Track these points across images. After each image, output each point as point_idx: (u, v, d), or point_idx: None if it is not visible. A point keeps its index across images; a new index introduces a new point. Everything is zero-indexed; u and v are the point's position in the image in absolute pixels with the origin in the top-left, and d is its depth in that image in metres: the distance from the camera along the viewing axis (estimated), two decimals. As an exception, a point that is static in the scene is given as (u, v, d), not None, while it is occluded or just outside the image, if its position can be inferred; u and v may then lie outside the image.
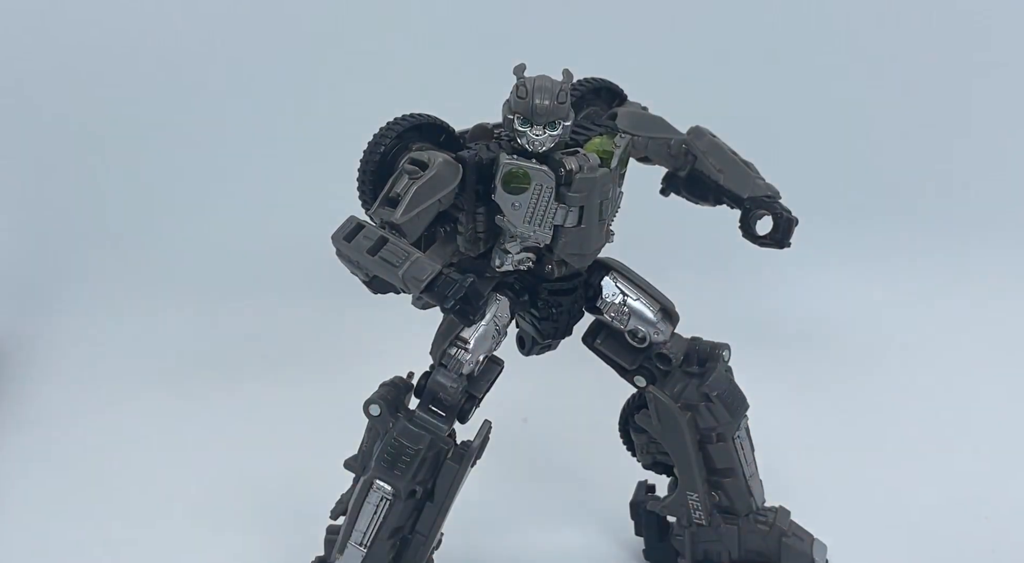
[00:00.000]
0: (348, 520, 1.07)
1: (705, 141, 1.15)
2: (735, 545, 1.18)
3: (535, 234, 1.03)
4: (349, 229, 0.96)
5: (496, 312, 1.06)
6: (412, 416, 1.05)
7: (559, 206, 1.02)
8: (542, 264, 1.07)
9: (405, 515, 1.06)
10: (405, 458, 1.03)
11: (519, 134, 1.01)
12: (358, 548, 1.06)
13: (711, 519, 1.17)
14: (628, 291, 1.11)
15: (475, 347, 1.05)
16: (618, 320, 1.11)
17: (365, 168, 1.02)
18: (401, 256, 0.94)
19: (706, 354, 1.14)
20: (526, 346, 1.14)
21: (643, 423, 1.16)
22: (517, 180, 1.01)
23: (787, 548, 1.18)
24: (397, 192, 0.97)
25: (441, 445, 1.05)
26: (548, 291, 1.08)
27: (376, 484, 1.04)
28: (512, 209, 1.02)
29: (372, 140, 1.02)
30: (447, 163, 1.00)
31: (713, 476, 1.16)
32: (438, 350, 1.06)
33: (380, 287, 0.96)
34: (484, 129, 1.06)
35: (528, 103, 0.99)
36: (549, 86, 1.00)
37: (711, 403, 1.12)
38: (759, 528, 1.18)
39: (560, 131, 1.01)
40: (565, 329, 1.12)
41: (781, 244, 1.13)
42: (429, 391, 1.05)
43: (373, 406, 1.05)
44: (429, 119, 1.05)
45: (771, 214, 1.12)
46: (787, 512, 1.21)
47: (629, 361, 1.14)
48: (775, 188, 1.15)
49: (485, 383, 1.08)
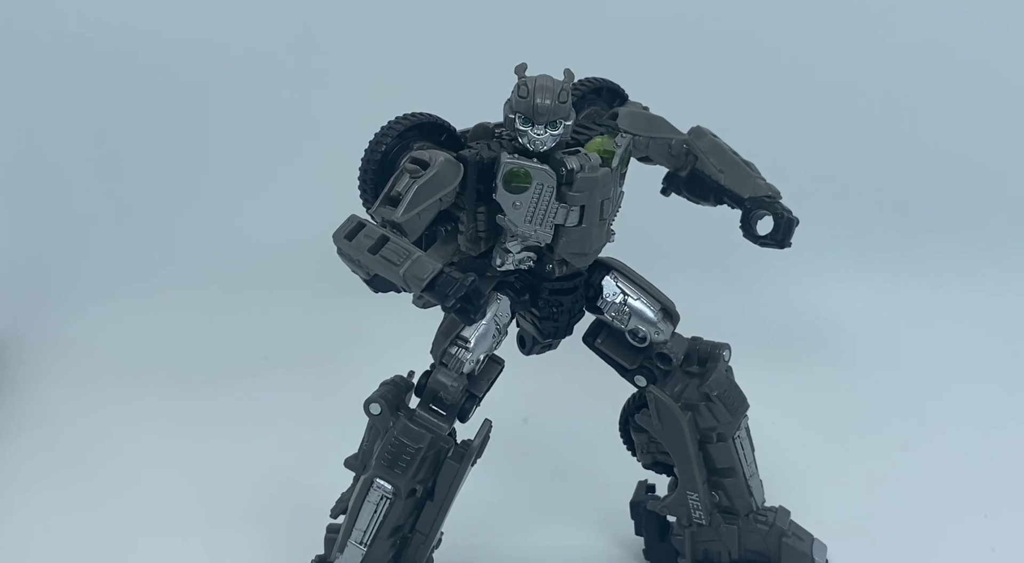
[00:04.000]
0: (348, 519, 1.07)
1: (706, 141, 1.15)
2: (735, 545, 1.19)
3: (536, 233, 1.03)
4: (350, 228, 0.96)
5: (497, 311, 1.06)
6: (413, 415, 1.05)
7: (560, 205, 1.02)
8: (543, 263, 1.07)
9: (405, 514, 1.06)
10: (405, 457, 1.03)
11: (520, 133, 1.01)
12: (358, 547, 1.07)
13: (711, 519, 1.17)
14: (629, 291, 1.11)
15: (476, 346, 1.05)
16: (619, 320, 1.11)
17: (366, 167, 1.02)
18: (402, 255, 0.94)
19: (706, 354, 1.14)
20: (527, 345, 1.14)
21: (643, 423, 1.16)
22: (518, 179, 1.01)
23: (787, 548, 1.18)
24: (398, 191, 0.98)
25: (441, 444, 1.06)
26: (549, 290, 1.08)
27: (376, 483, 1.05)
28: (513, 208, 1.02)
29: (373, 139, 1.03)
30: (448, 162, 1.00)
31: (713, 476, 1.16)
32: (439, 349, 1.06)
33: (381, 286, 0.96)
34: (485, 128, 1.06)
35: (529, 102, 0.99)
36: (550, 86, 1.00)
37: (711, 403, 1.12)
38: (759, 528, 1.18)
39: (561, 130, 1.01)
40: (566, 328, 1.12)
41: (782, 244, 1.13)
42: (430, 390, 1.05)
43: (374, 405, 1.05)
44: (430, 118, 1.05)
45: (772, 214, 1.13)
46: (787, 512, 1.21)
47: (629, 361, 1.14)
48: (776, 188, 1.15)
49: (486, 382, 1.08)
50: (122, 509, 1.35)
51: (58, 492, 1.39)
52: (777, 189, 1.15)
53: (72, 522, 1.33)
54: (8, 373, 1.65)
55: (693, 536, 1.19)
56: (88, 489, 1.39)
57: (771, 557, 1.19)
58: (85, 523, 1.33)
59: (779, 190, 1.15)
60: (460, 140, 1.06)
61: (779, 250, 1.14)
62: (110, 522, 1.33)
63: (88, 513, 1.35)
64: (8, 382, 1.63)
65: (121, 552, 1.29)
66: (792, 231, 1.13)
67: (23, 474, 1.43)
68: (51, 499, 1.38)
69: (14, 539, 1.31)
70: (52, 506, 1.36)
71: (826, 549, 1.21)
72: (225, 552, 1.27)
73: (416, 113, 1.04)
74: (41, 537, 1.31)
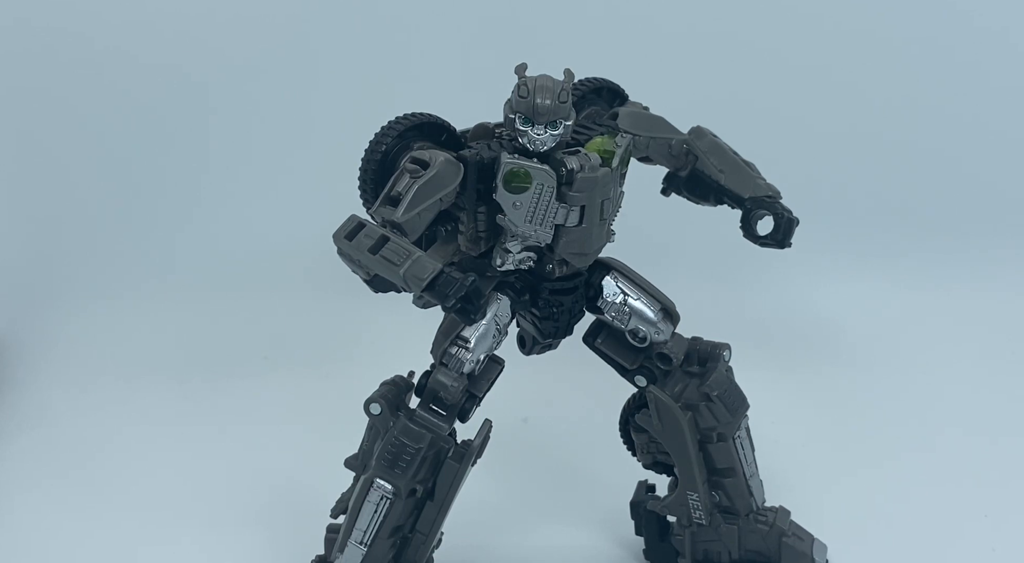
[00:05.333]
0: (348, 519, 1.07)
1: (706, 141, 1.15)
2: (735, 545, 1.19)
3: (536, 233, 1.03)
4: (350, 228, 0.96)
5: (497, 311, 1.06)
6: (413, 415, 1.05)
7: (560, 205, 1.02)
8: (543, 263, 1.07)
9: (405, 514, 1.06)
10: (406, 457, 1.03)
11: (520, 133, 1.01)
12: (358, 547, 1.07)
13: (711, 519, 1.17)
14: (629, 291, 1.11)
15: (476, 346, 1.05)
16: (619, 320, 1.11)
17: (366, 167, 1.02)
18: (402, 255, 0.94)
19: (707, 354, 1.14)
20: (527, 345, 1.14)
21: (643, 423, 1.16)
22: (518, 179, 1.01)
23: (787, 548, 1.18)
24: (398, 191, 0.97)
25: (442, 444, 1.06)
26: (549, 290, 1.08)
27: (377, 483, 1.05)
28: (513, 208, 1.02)
29: (373, 139, 1.02)
30: (448, 162, 1.00)
31: (713, 476, 1.16)
32: (439, 349, 1.06)
33: (381, 286, 0.96)
34: (485, 128, 1.06)
35: (530, 102, 0.99)
36: (551, 86, 1.00)
37: (711, 403, 1.12)
38: (759, 528, 1.18)
39: (561, 130, 1.01)
40: (566, 328, 1.12)
41: (782, 244, 1.13)
42: (430, 390, 1.05)
43: (374, 405, 1.06)
44: (430, 118, 1.05)
45: (772, 214, 1.12)
46: (787, 512, 1.21)
47: (630, 361, 1.14)
48: (776, 188, 1.15)
49: (486, 382, 1.08)
50: (122, 509, 1.35)
51: (58, 492, 1.39)
52: (777, 189, 1.15)
53: (72, 522, 1.33)
54: (8, 373, 1.65)
55: (693, 536, 1.19)
56: (88, 489, 1.39)
57: (771, 557, 1.19)
58: (85, 523, 1.33)
59: (779, 190, 1.15)
60: (460, 140, 1.06)
61: (779, 250, 1.14)
62: (110, 522, 1.33)
63: (88, 513, 1.35)
64: (8, 382, 1.63)
65: (121, 552, 1.29)
66: (792, 231, 1.13)
67: (23, 474, 1.43)
68: (51, 499, 1.37)
69: (14, 539, 1.31)
70: (52, 506, 1.36)
71: (826, 549, 1.21)
72: (225, 552, 1.27)
73: (416, 113, 1.04)
74: (41, 537, 1.31)
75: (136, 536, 1.31)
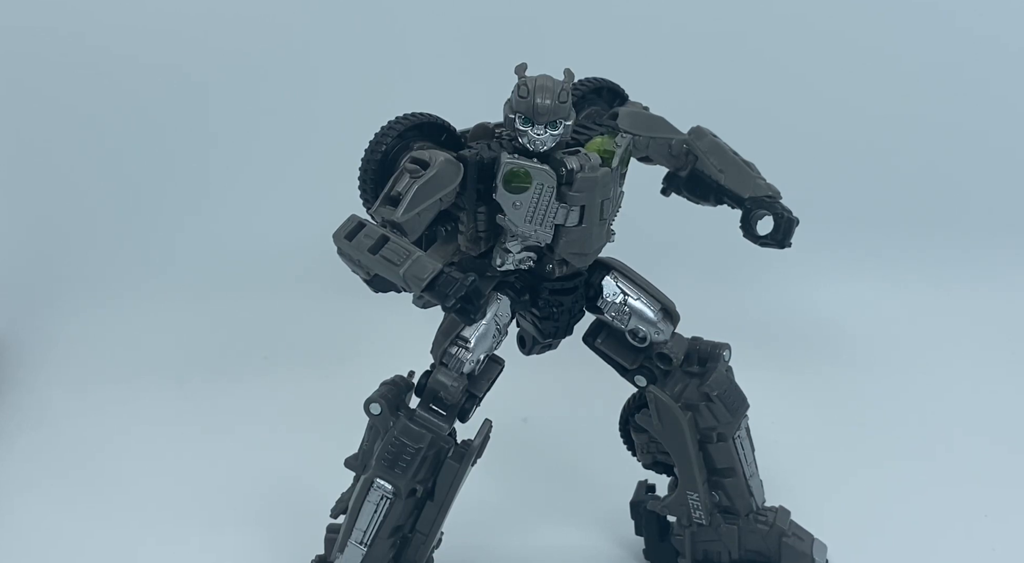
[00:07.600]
0: (348, 519, 1.07)
1: (706, 141, 1.15)
2: (735, 545, 1.19)
3: (536, 233, 1.03)
4: (350, 228, 0.96)
5: (497, 311, 1.06)
6: (413, 415, 1.05)
7: (560, 205, 1.02)
8: (543, 263, 1.07)
9: (405, 514, 1.06)
10: (406, 457, 1.03)
11: (520, 133, 1.01)
12: (358, 547, 1.07)
13: (711, 519, 1.17)
14: (629, 291, 1.11)
15: (476, 346, 1.05)
16: (619, 320, 1.11)
17: (366, 167, 1.02)
18: (402, 255, 0.94)
19: (707, 354, 1.14)
20: (527, 345, 1.14)
21: (643, 423, 1.16)
22: (518, 179, 1.01)
23: (787, 548, 1.18)
24: (398, 191, 0.97)
25: (442, 444, 1.06)
26: (549, 290, 1.08)
27: (377, 483, 1.05)
28: (513, 208, 1.02)
29: (373, 139, 1.03)
30: (448, 162, 1.00)
31: (713, 476, 1.16)
32: (439, 349, 1.06)
33: (381, 286, 0.96)
34: (485, 128, 1.06)
35: (530, 102, 0.99)
36: (551, 85, 1.00)
37: (711, 403, 1.12)
38: (759, 528, 1.18)
39: (561, 130, 1.01)
40: (566, 328, 1.12)
41: (782, 244, 1.13)
42: (430, 390, 1.05)
43: (374, 405, 1.05)
44: (430, 118, 1.05)
45: (772, 214, 1.12)
46: (787, 512, 1.21)
47: (630, 361, 1.14)
48: (776, 188, 1.15)
49: (486, 382, 1.08)
50: (122, 509, 1.35)
51: (58, 492, 1.39)
52: (777, 189, 1.15)
53: (72, 522, 1.33)
54: (8, 373, 1.65)
55: (693, 536, 1.19)
56: (88, 489, 1.39)
57: (771, 557, 1.19)
58: (85, 523, 1.33)
59: (779, 190, 1.15)
60: (460, 140, 1.06)
61: (779, 250, 1.14)
62: (110, 522, 1.33)
63: (88, 513, 1.35)
64: (8, 382, 1.63)
65: (121, 552, 1.29)
66: (792, 231, 1.13)
67: (23, 474, 1.43)
68: (51, 499, 1.37)
69: (14, 539, 1.31)
70: (52, 506, 1.36)
71: (826, 549, 1.21)
72: (225, 552, 1.27)
73: (416, 113, 1.04)
74: (41, 537, 1.31)
75: (136, 536, 1.31)
